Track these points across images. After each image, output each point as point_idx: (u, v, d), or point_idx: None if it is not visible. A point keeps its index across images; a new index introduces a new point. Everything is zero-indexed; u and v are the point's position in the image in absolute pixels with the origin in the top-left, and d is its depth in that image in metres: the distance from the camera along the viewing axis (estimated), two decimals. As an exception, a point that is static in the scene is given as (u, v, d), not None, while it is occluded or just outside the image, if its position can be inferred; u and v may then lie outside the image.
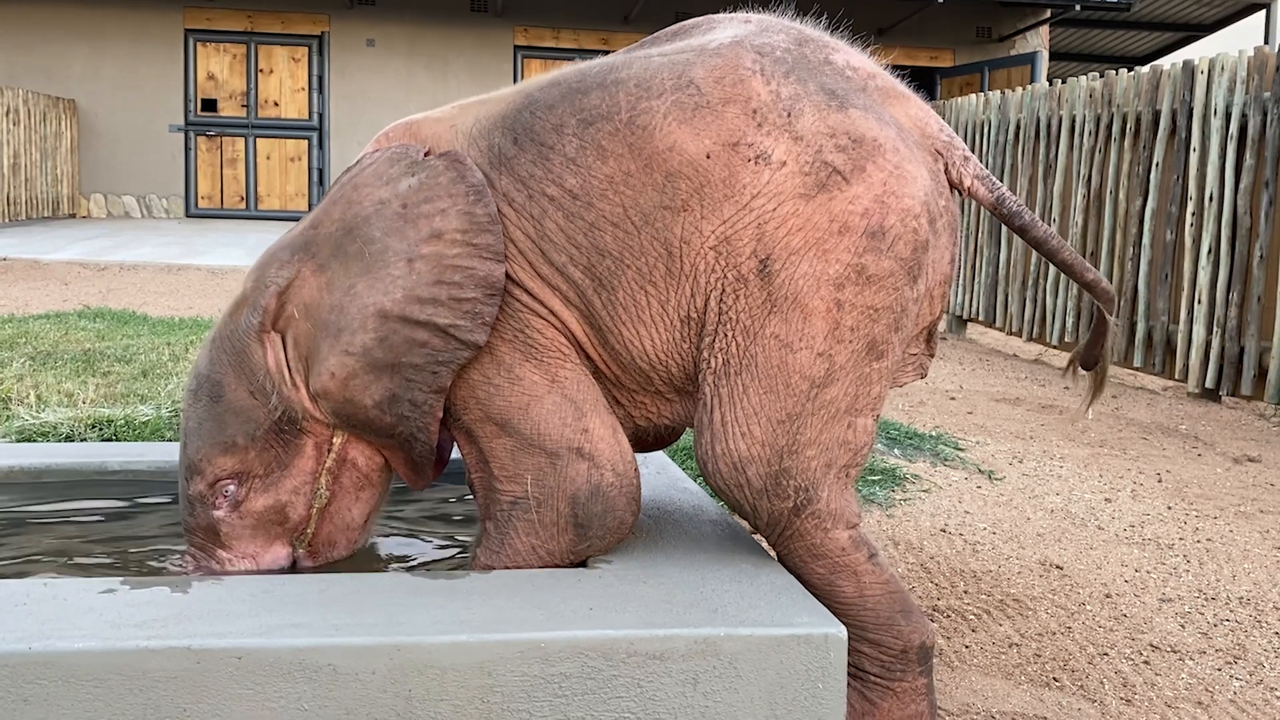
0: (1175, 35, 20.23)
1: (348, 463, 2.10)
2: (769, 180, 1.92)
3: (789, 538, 2.04)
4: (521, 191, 1.99)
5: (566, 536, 2.01)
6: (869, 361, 1.99)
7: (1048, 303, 7.56)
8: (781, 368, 1.94)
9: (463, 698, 1.68)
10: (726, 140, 1.93)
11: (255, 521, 2.10)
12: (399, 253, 1.98)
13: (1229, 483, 4.29)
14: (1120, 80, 6.98)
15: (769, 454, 1.97)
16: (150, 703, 1.61)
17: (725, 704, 1.75)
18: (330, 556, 2.16)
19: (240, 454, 2.06)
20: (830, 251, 1.92)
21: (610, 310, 1.99)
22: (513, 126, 2.03)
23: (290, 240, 2.10)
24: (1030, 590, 3.01)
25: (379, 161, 2.08)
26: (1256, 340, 5.71)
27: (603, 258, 1.97)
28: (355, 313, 1.99)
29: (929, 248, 2.01)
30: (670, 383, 2.06)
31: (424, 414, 2.01)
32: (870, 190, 1.94)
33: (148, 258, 10.53)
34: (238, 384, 2.06)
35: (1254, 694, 2.46)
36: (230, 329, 2.08)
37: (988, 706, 2.33)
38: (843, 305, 1.94)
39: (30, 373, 4.63)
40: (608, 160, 1.95)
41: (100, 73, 15.81)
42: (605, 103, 1.98)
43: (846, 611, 2.03)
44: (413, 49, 16.36)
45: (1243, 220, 5.83)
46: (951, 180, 2.10)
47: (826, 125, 1.95)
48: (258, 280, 2.08)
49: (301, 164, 16.43)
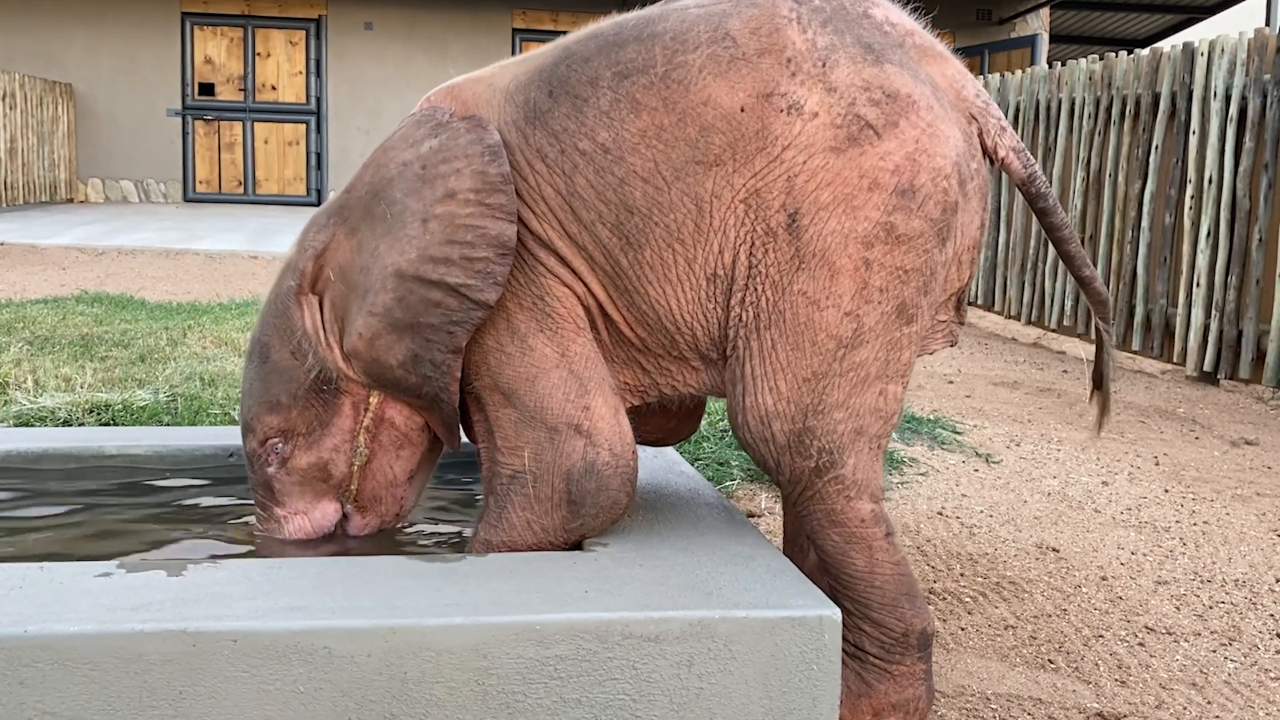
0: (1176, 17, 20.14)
1: (385, 421, 2.14)
2: (800, 131, 1.90)
3: (809, 498, 2.03)
4: (554, 146, 1.99)
5: (560, 513, 2.01)
6: (899, 326, 1.97)
7: (1046, 286, 7.56)
8: (808, 325, 1.93)
9: (458, 680, 1.69)
10: (760, 91, 1.91)
11: (301, 478, 2.16)
12: (415, 213, 2.00)
13: (1226, 466, 4.29)
14: (1120, 63, 6.96)
15: (794, 411, 1.96)
16: (146, 685, 1.62)
17: (720, 686, 1.75)
18: (379, 513, 2.22)
19: (284, 412, 2.13)
20: (859, 208, 1.90)
21: (637, 270, 1.98)
22: (548, 80, 2.03)
23: (329, 205, 2.18)
24: (1026, 573, 3.01)
25: (408, 124, 2.11)
26: (1255, 323, 5.71)
27: (631, 215, 1.96)
28: (378, 273, 2.03)
29: (959, 210, 1.99)
30: (695, 347, 2.04)
31: (444, 374, 2.02)
32: (902, 147, 1.92)
33: (146, 242, 10.51)
34: (281, 346, 2.13)
35: (1248, 675, 2.47)
36: (277, 292, 2.16)
37: (983, 688, 2.34)
38: (871, 264, 1.92)
39: (28, 358, 4.62)
40: (641, 114, 1.95)
41: (97, 56, 15.75)
42: (641, 56, 1.97)
43: (853, 586, 2.03)
44: (411, 32, 16.30)
45: (1242, 203, 5.82)
46: (985, 148, 2.07)
47: (861, 78, 1.93)
48: (300, 245, 2.16)
49: (299, 148, 16.39)
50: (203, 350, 5.04)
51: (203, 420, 3.78)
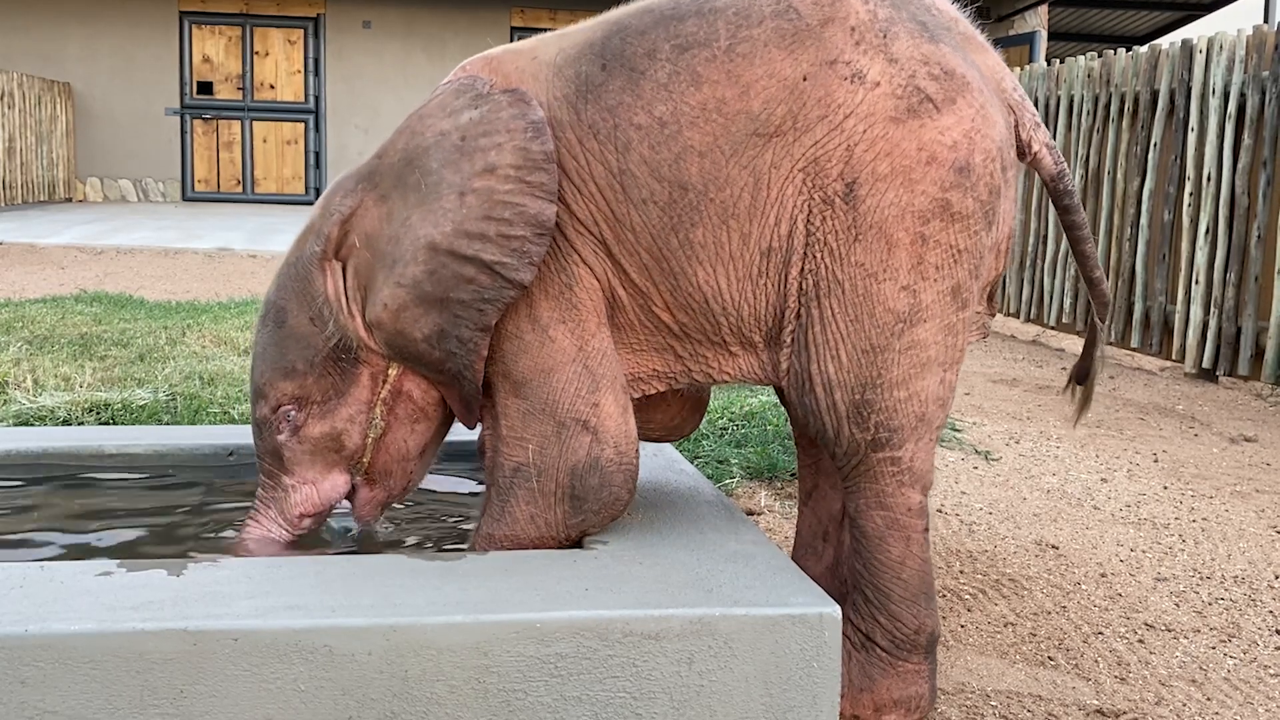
0: (1175, 14, 20.13)
1: (403, 394, 2.11)
2: (862, 100, 1.91)
3: (862, 474, 2.02)
4: (607, 121, 1.96)
5: (563, 508, 2.01)
6: (955, 309, 1.98)
7: (1045, 284, 7.56)
8: (865, 296, 1.93)
9: (459, 678, 1.69)
10: (825, 59, 1.92)
11: (313, 447, 2.12)
12: (452, 185, 1.97)
13: (1225, 462, 4.29)
14: (1119, 60, 6.96)
15: (854, 381, 1.97)
16: (147, 684, 1.62)
17: (720, 683, 1.76)
18: (387, 487, 2.17)
19: (299, 379, 2.09)
20: (917, 182, 1.91)
21: (687, 250, 1.96)
22: (601, 53, 2.00)
23: (357, 170, 2.13)
24: (1026, 570, 3.02)
25: (446, 93, 2.07)
26: (1253, 320, 5.71)
27: (685, 191, 1.94)
28: (408, 244, 1.99)
29: (1002, 196, 2.00)
30: (739, 330, 2.03)
31: (470, 352, 2.00)
32: (960, 124, 1.92)
33: (144, 241, 10.50)
34: (300, 311, 2.09)
35: (1248, 672, 2.47)
36: (297, 255, 2.11)
37: (983, 685, 2.34)
38: (926, 240, 1.92)
39: (27, 357, 4.62)
40: (702, 87, 1.93)
41: (96, 56, 15.74)
42: (703, 30, 1.95)
43: (881, 574, 2.04)
44: (409, 30, 16.29)
45: (1240, 200, 5.82)
46: (1020, 140, 2.08)
47: (920, 52, 1.94)
48: (324, 208, 2.11)
49: (298, 147, 16.39)
50: (202, 349, 5.04)
51: (202, 419, 3.78)
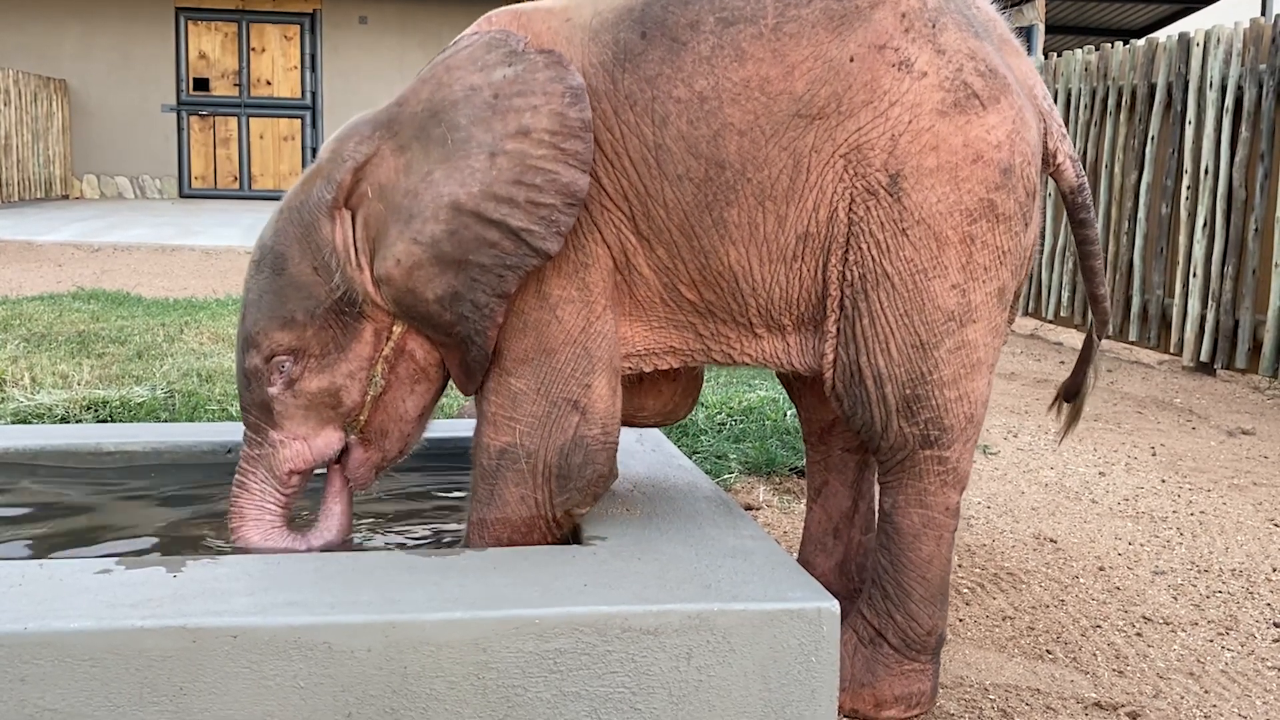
0: (1172, 7, 20.12)
1: (405, 353, 2.04)
2: (908, 89, 1.88)
3: (905, 469, 2.01)
4: (645, 92, 1.91)
5: (550, 486, 2.00)
6: (1000, 311, 1.96)
7: (1043, 278, 7.56)
8: (915, 292, 1.91)
9: (458, 674, 1.69)
10: (873, 42, 1.89)
11: (308, 402, 2.03)
12: (482, 144, 1.90)
13: (1223, 455, 4.30)
14: (1116, 53, 6.95)
15: (904, 375, 1.95)
16: (147, 682, 1.62)
17: (719, 678, 1.76)
18: (383, 448, 2.10)
19: (298, 330, 2.00)
20: (964, 180, 1.88)
21: (720, 229, 1.92)
22: (641, 20, 1.93)
23: (374, 116, 2.04)
24: (1024, 564, 3.02)
25: (476, 45, 1.98)
26: (1251, 313, 5.71)
27: (722, 170, 1.89)
28: (429, 201, 1.92)
29: (1036, 199, 1.98)
30: (766, 313, 1.99)
31: (484, 317, 1.94)
32: (1004, 124, 1.90)
33: (141, 239, 10.49)
34: (302, 258, 1.99)
35: (1245, 665, 2.48)
36: (301, 199, 2.01)
37: (981, 679, 2.34)
38: (974, 240, 1.91)
39: (25, 355, 4.62)
40: (746, 64, 1.89)
41: (92, 52, 15.71)
42: (750, 5, 1.91)
43: (906, 572, 2.04)
44: (405, 27, 16.27)
45: (1238, 193, 5.82)
46: (1046, 149, 2.05)
47: (967, 46, 1.91)
48: (335, 153, 2.01)
49: (295, 143, 16.36)
50: (199, 346, 5.04)
51: (200, 416, 3.78)
